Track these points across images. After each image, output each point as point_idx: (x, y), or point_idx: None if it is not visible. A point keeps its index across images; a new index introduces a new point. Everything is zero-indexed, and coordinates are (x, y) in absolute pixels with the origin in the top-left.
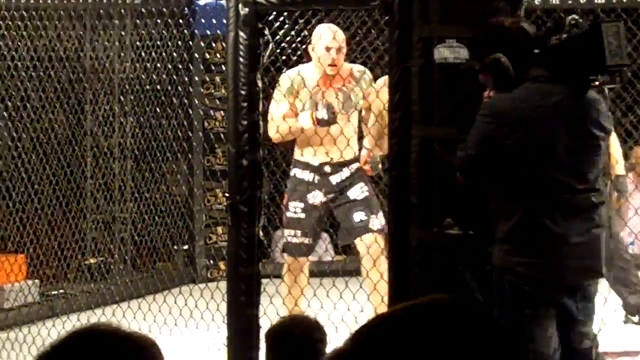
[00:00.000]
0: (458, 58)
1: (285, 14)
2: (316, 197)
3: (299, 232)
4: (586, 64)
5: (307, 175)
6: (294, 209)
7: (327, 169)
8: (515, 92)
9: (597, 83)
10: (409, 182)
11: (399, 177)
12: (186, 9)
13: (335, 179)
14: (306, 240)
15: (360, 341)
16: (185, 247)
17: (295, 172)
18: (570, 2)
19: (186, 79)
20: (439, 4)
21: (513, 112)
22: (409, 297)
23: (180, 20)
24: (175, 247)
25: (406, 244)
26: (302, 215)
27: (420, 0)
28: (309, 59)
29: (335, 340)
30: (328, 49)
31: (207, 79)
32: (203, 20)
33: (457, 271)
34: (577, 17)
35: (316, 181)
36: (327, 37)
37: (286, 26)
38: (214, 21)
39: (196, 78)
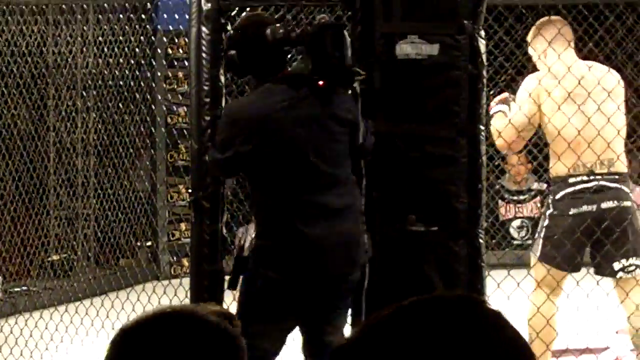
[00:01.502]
0: (420, 54)
1: (248, 9)
2: None
3: None
4: (312, 65)
5: None
6: None
7: None
8: (253, 94)
9: (320, 83)
10: (372, 179)
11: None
12: (149, 4)
13: None
14: None
15: (370, 333)
16: (149, 243)
17: None
18: None
19: (149, 74)
20: (400, 1)
21: (249, 115)
22: (372, 294)
23: (143, 16)
24: (139, 243)
25: (370, 240)
26: None
27: None
28: None
29: None
30: None
31: (170, 74)
32: (165, 16)
33: (421, 267)
34: (326, 17)
35: None
36: None
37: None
38: (177, 16)
39: (159, 73)
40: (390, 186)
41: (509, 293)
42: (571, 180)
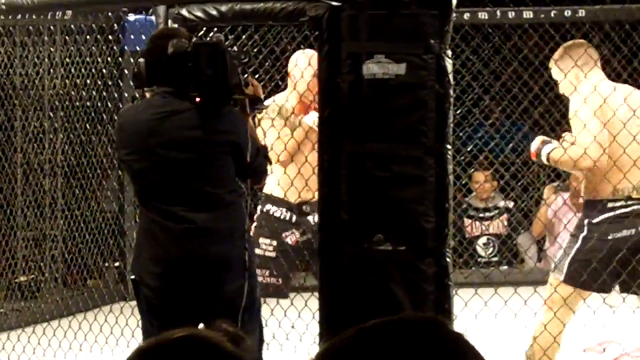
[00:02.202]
0: (387, 74)
1: (215, 29)
2: (292, 237)
3: (266, 272)
4: (187, 80)
5: (284, 213)
6: (266, 246)
7: (306, 208)
8: (139, 103)
9: (197, 100)
10: (340, 199)
11: (330, 193)
12: (115, 25)
13: (314, 219)
14: (278, 281)
15: (332, 354)
16: (117, 264)
17: (270, 208)
18: (498, 17)
19: (116, 95)
20: (367, 20)
21: (125, 123)
22: (339, 314)
23: (110, 37)
24: (106, 264)
25: (337, 260)
26: (275, 254)
27: (349, 16)
28: None
29: None
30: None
31: (137, 94)
32: (132, 37)
33: (388, 287)
34: (219, 34)
35: (293, 220)
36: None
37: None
38: (144, 37)
39: (126, 94)
40: (357, 206)
41: (476, 312)
42: (610, 205)
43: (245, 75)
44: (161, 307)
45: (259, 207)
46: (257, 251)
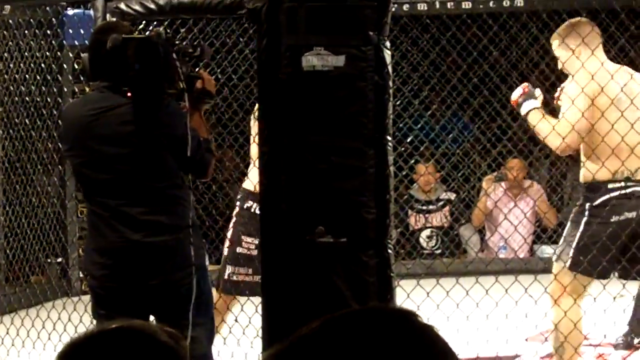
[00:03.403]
0: (326, 65)
1: (155, 22)
2: None
3: (250, 270)
4: (118, 74)
5: None
6: (247, 244)
7: None
8: (79, 100)
9: (129, 95)
10: (280, 191)
11: (270, 185)
12: (54, 19)
13: None
14: (258, 279)
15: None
16: (59, 259)
17: (251, 204)
18: (437, 7)
19: (55, 89)
20: (306, 12)
21: (65, 118)
22: (282, 307)
23: (49, 31)
24: (49, 260)
25: (279, 253)
26: (256, 252)
27: (288, 9)
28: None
29: None
30: None
31: (77, 89)
32: (71, 31)
33: (330, 279)
34: (159, 28)
35: None
36: None
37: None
38: (82, 31)
39: (65, 89)
40: (298, 198)
41: (419, 303)
42: (611, 186)
43: (197, 69)
44: (105, 295)
45: (238, 204)
46: (240, 250)
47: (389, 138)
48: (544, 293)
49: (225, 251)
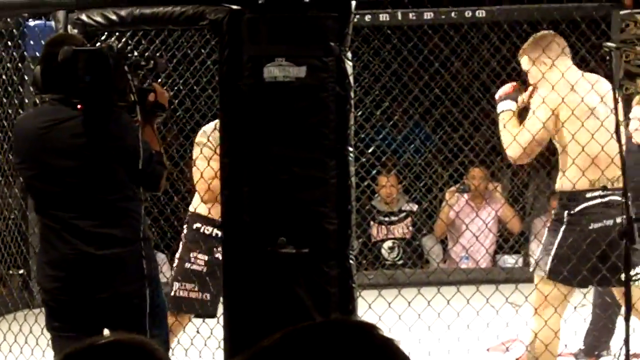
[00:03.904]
0: (288, 76)
1: (117, 34)
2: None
3: (196, 287)
4: (69, 87)
5: (213, 230)
6: (196, 260)
7: None
8: (31, 113)
9: (79, 107)
10: (242, 202)
11: (232, 196)
12: (15, 30)
13: None
14: (205, 296)
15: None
16: (21, 271)
17: (200, 226)
18: (399, 18)
19: (17, 101)
20: (267, 23)
21: (17, 131)
22: (244, 318)
23: (10, 42)
24: (10, 271)
25: (241, 264)
26: (205, 269)
27: (249, 20)
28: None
29: None
30: None
31: (38, 101)
32: (32, 42)
33: (292, 289)
34: (110, 40)
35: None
36: None
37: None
38: (43, 42)
39: (27, 100)
40: (260, 209)
41: (380, 313)
42: (589, 195)
43: (158, 80)
44: (58, 309)
45: (185, 226)
46: (188, 265)
47: (351, 149)
48: (505, 303)
49: (174, 269)
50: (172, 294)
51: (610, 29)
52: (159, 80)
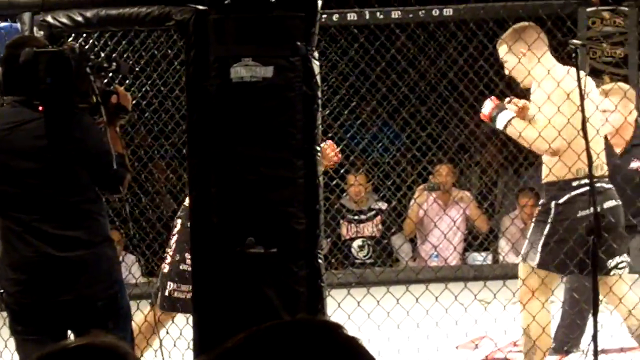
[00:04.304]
0: (255, 77)
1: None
2: None
3: (191, 288)
4: (30, 88)
5: None
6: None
7: None
8: None
9: (40, 109)
10: (210, 202)
11: (200, 197)
12: None
13: None
14: None
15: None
16: None
17: None
18: (367, 17)
19: None
20: (234, 24)
21: None
22: (213, 318)
23: None
24: None
25: (209, 265)
26: None
27: (216, 20)
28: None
29: None
30: None
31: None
32: None
33: (261, 289)
34: (74, 42)
35: None
36: None
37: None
38: None
39: None
40: (228, 209)
41: (350, 312)
42: (574, 183)
43: (110, 84)
44: (20, 312)
45: (180, 221)
46: (184, 267)
47: (318, 148)
48: (474, 300)
49: (166, 268)
50: (167, 293)
51: (577, 27)
52: (126, 81)
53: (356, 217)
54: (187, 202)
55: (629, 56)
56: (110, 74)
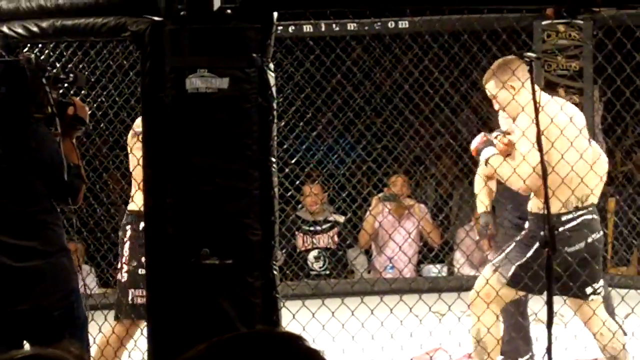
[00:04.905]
0: (210, 88)
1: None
2: None
3: (142, 292)
4: None
5: None
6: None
7: None
8: None
9: None
10: (166, 213)
11: (155, 208)
12: None
13: None
14: None
15: None
16: None
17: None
18: (322, 29)
19: None
20: (189, 35)
21: None
22: (168, 329)
23: None
24: None
25: (165, 275)
26: None
27: (171, 31)
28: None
29: None
30: None
31: None
32: None
33: (216, 301)
34: (29, 53)
35: None
36: None
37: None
38: None
39: None
40: (183, 220)
41: (304, 323)
42: (563, 218)
43: (66, 96)
44: None
45: (129, 227)
46: (142, 271)
47: (274, 160)
48: (428, 312)
49: (124, 277)
50: (130, 301)
51: (532, 40)
52: (81, 92)
53: (312, 229)
54: (130, 207)
55: (584, 69)
56: (66, 85)
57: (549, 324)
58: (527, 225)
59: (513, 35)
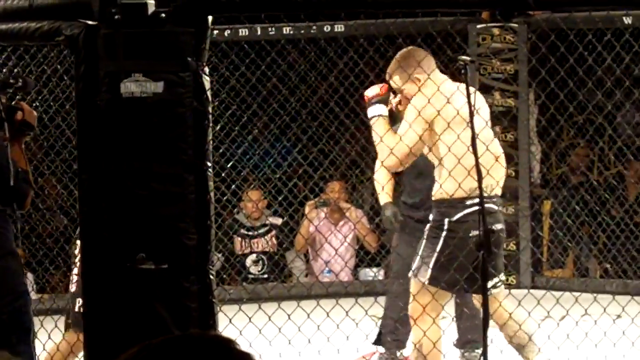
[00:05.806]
0: (145, 92)
1: None
2: None
3: None
4: None
5: None
6: None
7: None
8: None
9: None
10: (101, 218)
11: (90, 212)
12: None
13: None
14: None
15: None
16: None
17: None
18: (258, 33)
19: None
20: (124, 39)
21: None
22: (104, 334)
23: None
24: None
25: (100, 280)
26: None
27: (105, 35)
28: None
29: None
30: None
31: None
32: None
33: (152, 305)
34: None
35: None
36: None
37: None
38: None
39: None
40: (118, 225)
41: (241, 328)
42: (468, 202)
43: (14, 101)
44: None
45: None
46: None
47: (209, 164)
48: (365, 316)
49: (74, 287)
50: (77, 310)
51: (467, 43)
52: (16, 97)
53: (250, 233)
54: None
55: (518, 72)
56: (12, 90)
57: (485, 327)
58: (431, 216)
59: (448, 39)
